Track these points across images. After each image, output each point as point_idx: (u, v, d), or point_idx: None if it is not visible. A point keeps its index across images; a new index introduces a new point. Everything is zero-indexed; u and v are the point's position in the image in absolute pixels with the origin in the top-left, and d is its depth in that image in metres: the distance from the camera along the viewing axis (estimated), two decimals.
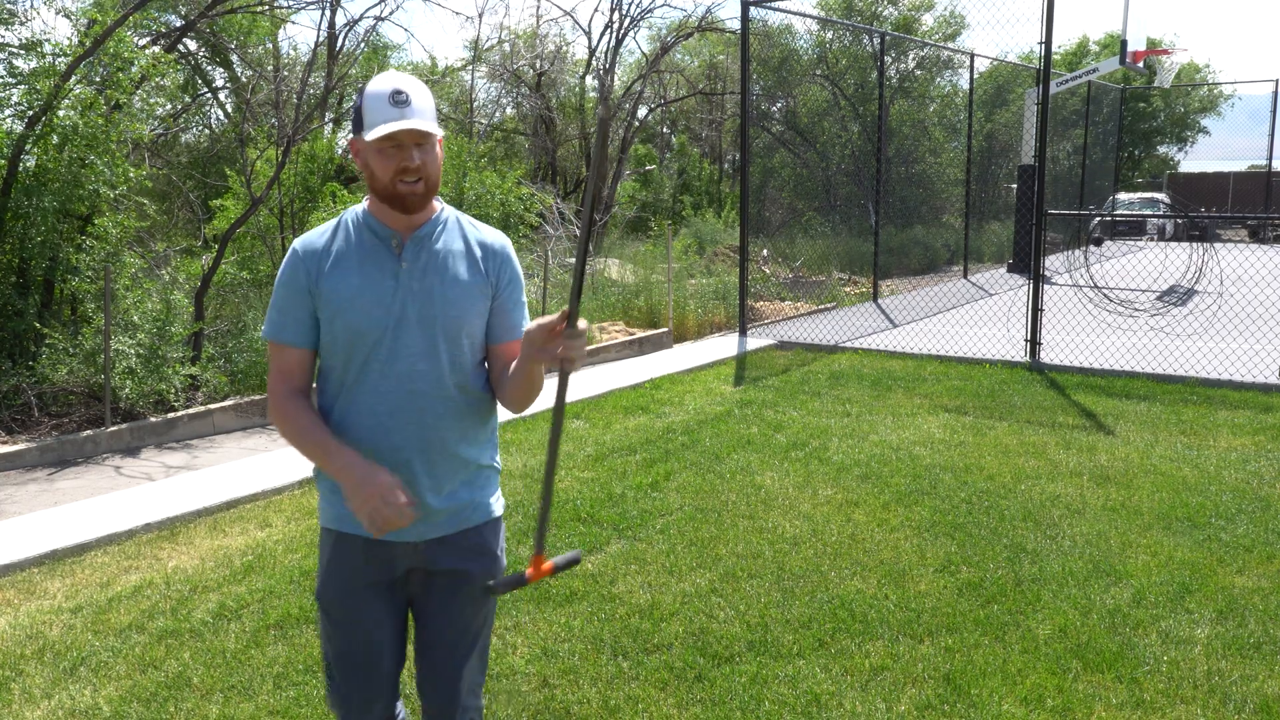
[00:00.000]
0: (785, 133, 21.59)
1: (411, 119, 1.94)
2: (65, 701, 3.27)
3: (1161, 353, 8.79)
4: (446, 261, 2.06)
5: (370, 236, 2.04)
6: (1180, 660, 3.44)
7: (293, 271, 2.04)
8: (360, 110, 1.97)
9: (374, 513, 1.86)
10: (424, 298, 2.02)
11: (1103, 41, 33.31)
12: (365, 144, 1.97)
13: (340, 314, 2.00)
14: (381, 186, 1.98)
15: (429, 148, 2.00)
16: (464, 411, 2.08)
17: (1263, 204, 24.85)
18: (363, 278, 2.01)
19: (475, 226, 2.15)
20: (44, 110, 7.57)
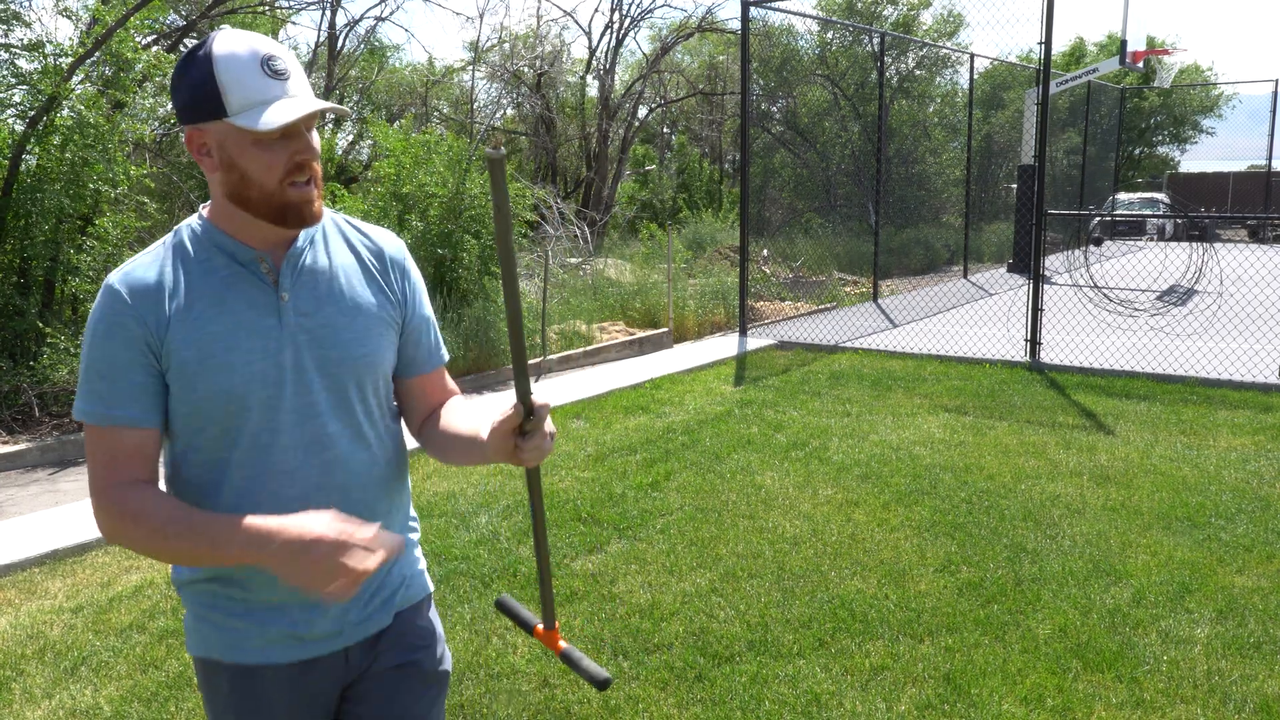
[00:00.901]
0: (785, 133, 21.60)
1: (307, 98, 1.42)
2: (66, 701, 3.27)
3: (1161, 353, 8.80)
4: (340, 283, 1.54)
5: (227, 262, 1.47)
6: (1180, 660, 3.45)
7: (118, 321, 1.41)
8: (212, 85, 1.37)
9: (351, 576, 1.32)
10: (322, 337, 1.49)
11: (1101, 43, 33.32)
12: (232, 135, 1.39)
13: (205, 375, 1.42)
14: (262, 194, 1.42)
15: (315, 135, 1.48)
16: (391, 476, 1.61)
17: (1262, 204, 24.85)
18: (230, 320, 1.44)
19: (358, 228, 1.62)
20: (46, 110, 7.58)
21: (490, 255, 9.66)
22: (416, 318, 1.64)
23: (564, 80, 24.70)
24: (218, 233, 1.49)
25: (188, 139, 1.43)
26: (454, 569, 4.26)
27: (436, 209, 9.58)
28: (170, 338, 1.43)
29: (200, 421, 1.46)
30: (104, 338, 1.42)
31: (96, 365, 1.43)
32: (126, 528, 1.40)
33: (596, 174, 22.33)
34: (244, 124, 1.37)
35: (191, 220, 1.51)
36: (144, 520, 1.39)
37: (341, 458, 1.52)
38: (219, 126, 1.40)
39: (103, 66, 8.19)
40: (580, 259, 14.32)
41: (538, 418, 1.43)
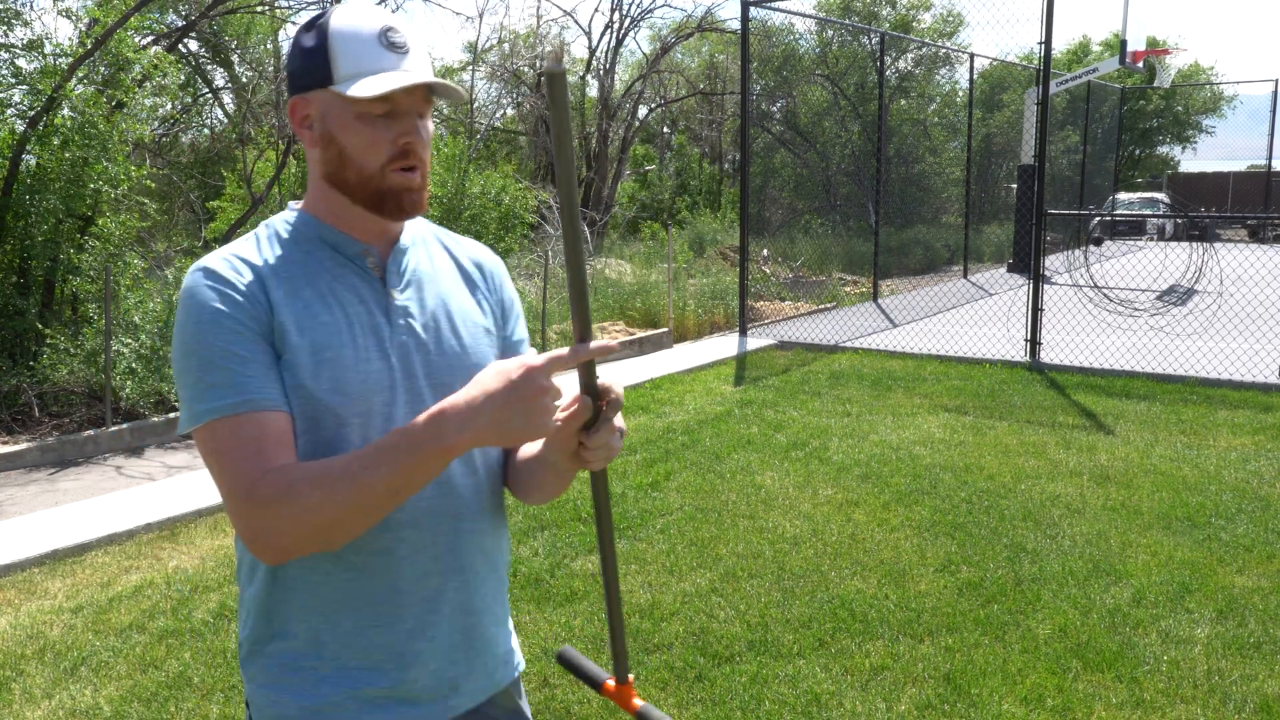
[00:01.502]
0: (785, 133, 21.60)
1: (418, 69, 1.29)
2: (66, 701, 3.27)
3: (1161, 352, 8.79)
4: (445, 288, 1.41)
5: (331, 254, 1.33)
6: (1180, 660, 3.45)
7: (227, 301, 1.23)
8: (324, 53, 1.26)
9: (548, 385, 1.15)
10: (430, 343, 1.35)
11: (1107, 41, 33.32)
12: (335, 106, 1.27)
13: (318, 369, 1.25)
14: (363, 176, 1.29)
15: (427, 123, 1.34)
16: (496, 518, 1.44)
17: (1262, 204, 24.85)
18: (341, 313, 1.29)
19: (454, 238, 1.50)
20: (45, 110, 7.58)
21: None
22: (514, 331, 1.49)
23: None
24: (317, 223, 1.34)
25: (291, 109, 1.32)
26: None
27: (436, 210, 9.58)
28: (279, 323, 1.25)
29: (310, 423, 1.25)
30: (213, 323, 1.22)
31: (213, 355, 1.21)
32: (300, 496, 1.16)
33: (596, 174, 22.33)
34: (345, 90, 1.24)
35: (283, 215, 1.37)
36: (319, 475, 1.17)
37: (454, 481, 1.35)
38: (323, 95, 1.28)
39: (102, 66, 8.19)
40: None
41: (609, 408, 1.22)
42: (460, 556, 1.37)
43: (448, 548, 1.35)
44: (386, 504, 1.18)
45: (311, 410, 1.25)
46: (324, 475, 1.17)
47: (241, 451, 1.19)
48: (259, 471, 1.18)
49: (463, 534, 1.36)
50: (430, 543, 1.33)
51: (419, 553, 1.33)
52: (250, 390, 1.21)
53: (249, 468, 1.19)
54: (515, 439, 1.14)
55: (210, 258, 1.28)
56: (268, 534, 1.18)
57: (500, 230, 11.71)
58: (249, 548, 1.20)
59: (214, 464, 1.21)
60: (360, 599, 1.31)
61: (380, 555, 1.30)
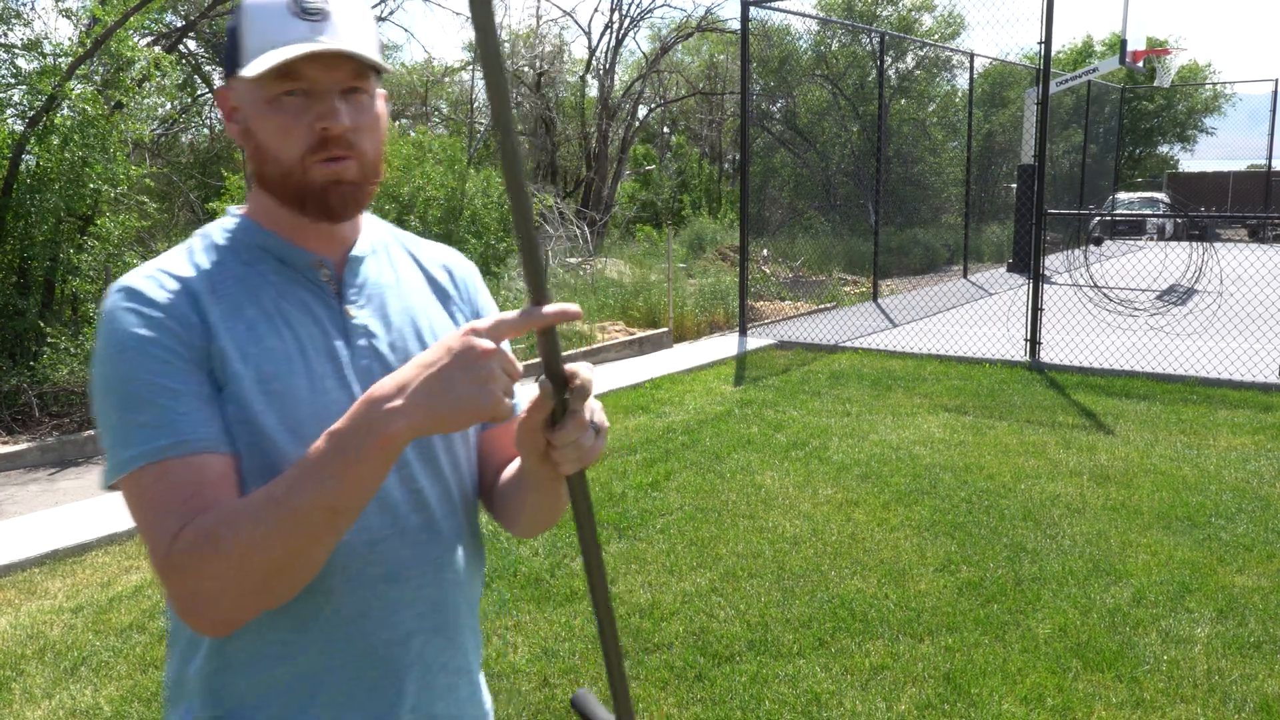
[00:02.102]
0: (785, 132, 21.60)
1: (333, 37, 1.06)
2: (66, 701, 3.27)
3: (1161, 352, 8.80)
4: (410, 303, 1.21)
5: (277, 266, 1.13)
6: (1180, 659, 3.45)
7: (154, 326, 1.03)
8: (237, 32, 1.09)
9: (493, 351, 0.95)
10: (398, 364, 1.14)
11: (1107, 41, 33.33)
12: (247, 91, 1.09)
13: (267, 402, 1.06)
14: (281, 171, 1.09)
15: (366, 101, 1.10)
16: (478, 560, 1.26)
17: (1262, 204, 24.86)
18: (292, 336, 1.10)
19: (419, 242, 1.31)
20: (45, 110, 7.58)
21: (491, 255, 9.66)
22: None
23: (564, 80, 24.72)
24: (261, 231, 1.15)
25: (218, 103, 1.15)
26: None
27: (435, 210, 9.58)
28: (218, 349, 1.05)
29: (259, 465, 1.05)
30: (138, 352, 1.02)
31: (138, 391, 1.01)
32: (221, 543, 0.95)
33: (596, 174, 22.33)
34: (248, 71, 1.05)
35: (220, 222, 1.17)
36: (237, 513, 0.96)
37: (435, 524, 1.16)
38: (237, 81, 1.10)
39: (101, 66, 8.19)
40: (580, 259, 14.32)
41: (576, 393, 1.00)
42: (445, 611, 1.18)
43: (431, 603, 1.16)
44: (326, 529, 0.96)
45: (262, 449, 1.05)
46: (245, 510, 0.96)
47: (168, 502, 0.98)
48: (183, 524, 0.98)
49: (446, 585, 1.18)
50: (412, 599, 1.14)
51: (399, 611, 1.13)
52: (183, 429, 1.00)
53: (173, 521, 0.98)
54: (460, 416, 0.93)
55: (132, 275, 1.08)
56: (195, 598, 0.96)
57: (501, 230, 11.73)
58: (183, 619, 0.99)
59: (139, 519, 1.00)
60: (332, 673, 1.10)
61: (353, 619, 1.10)
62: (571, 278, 12.82)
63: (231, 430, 1.04)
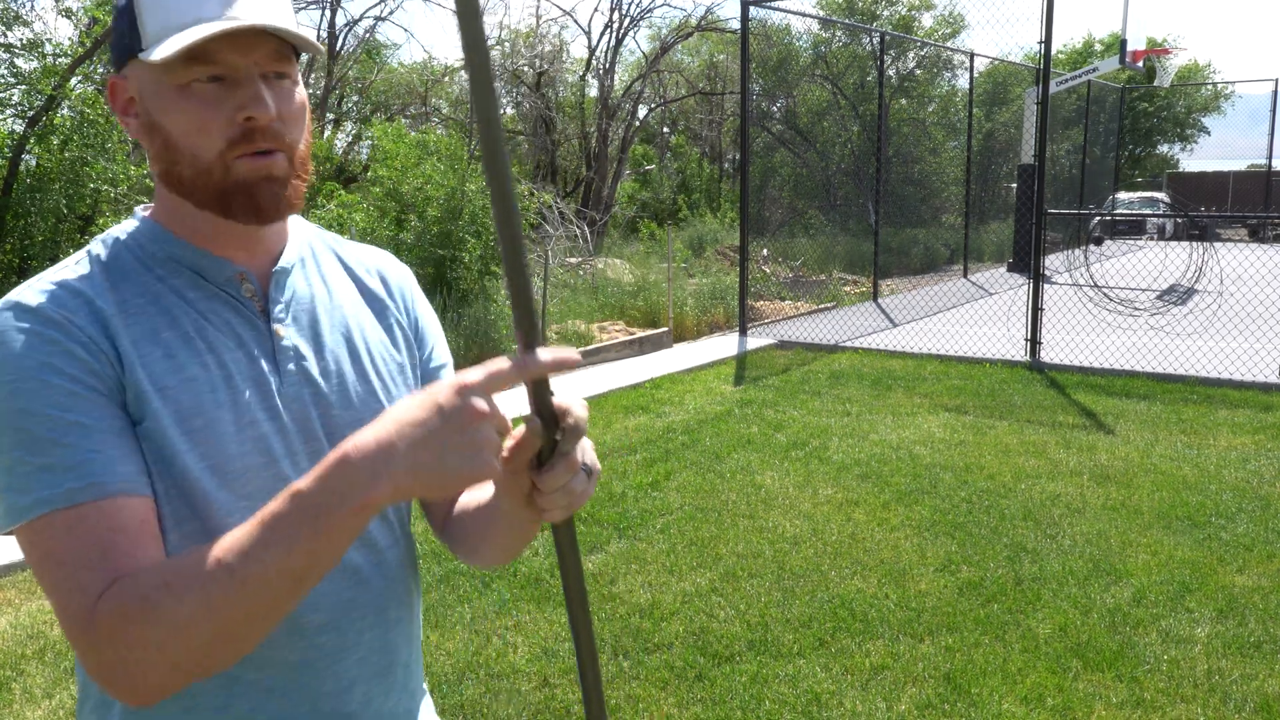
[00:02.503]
0: (785, 132, 21.61)
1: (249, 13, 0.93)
2: (66, 701, 3.27)
3: (1161, 352, 8.80)
4: (342, 317, 1.09)
5: (192, 280, 1.00)
6: (1180, 659, 3.45)
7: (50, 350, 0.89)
8: (131, 12, 0.94)
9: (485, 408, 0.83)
10: (329, 391, 1.04)
11: (1106, 41, 33.34)
12: (150, 79, 0.94)
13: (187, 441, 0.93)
14: (198, 169, 0.95)
15: (289, 87, 0.98)
16: (417, 592, 1.15)
17: (1262, 203, 24.86)
18: (214, 362, 0.97)
19: (348, 246, 1.17)
20: (45, 110, 7.58)
21: (492, 255, 9.66)
22: (436, 359, 1.17)
23: (564, 80, 24.72)
24: (172, 239, 0.99)
25: (110, 93, 0.99)
26: (454, 568, 4.26)
27: (436, 209, 9.59)
28: (132, 382, 0.91)
29: (182, 510, 0.93)
30: (37, 382, 0.88)
31: (39, 427, 0.87)
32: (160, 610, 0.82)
33: (596, 174, 22.33)
34: (156, 55, 0.90)
35: (125, 225, 1.01)
36: (182, 575, 0.83)
37: (380, 557, 1.06)
38: (135, 68, 0.95)
39: (101, 66, 8.19)
40: (580, 258, 14.33)
41: (568, 433, 0.90)
42: (390, 653, 1.08)
43: (376, 646, 1.06)
44: (287, 598, 0.84)
45: (185, 493, 0.92)
46: (190, 574, 0.82)
47: (84, 556, 0.85)
48: (104, 582, 0.84)
49: (390, 624, 1.07)
50: (355, 644, 1.03)
51: (342, 659, 1.02)
52: (94, 471, 0.87)
53: (92, 579, 0.85)
54: (448, 484, 0.82)
55: (24, 290, 0.93)
56: (120, 667, 0.83)
57: None
58: (103, 687, 0.85)
59: (45, 575, 0.87)
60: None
61: (295, 670, 0.99)
62: (571, 277, 12.83)
63: (149, 470, 0.91)
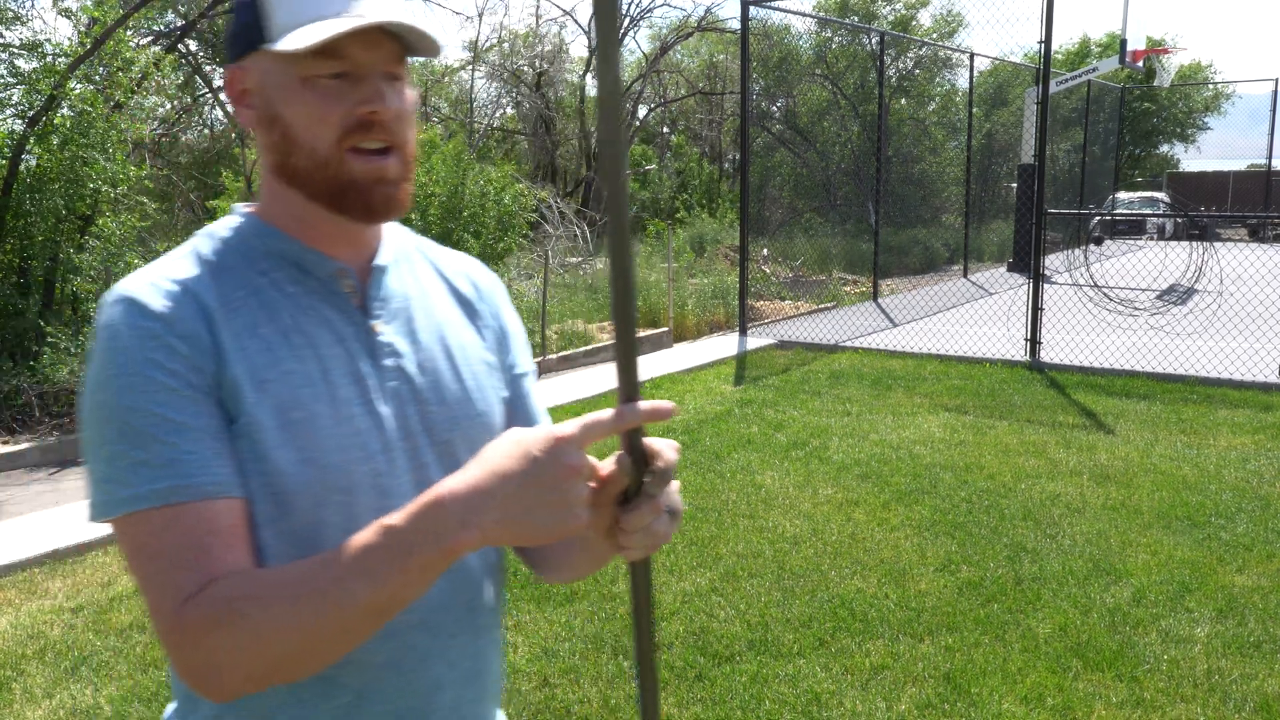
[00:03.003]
0: (785, 132, 21.61)
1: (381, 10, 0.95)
2: (66, 701, 3.27)
3: (1161, 352, 8.79)
4: (437, 317, 1.10)
5: (294, 275, 1.01)
6: (1180, 659, 3.45)
7: (157, 345, 0.91)
8: (258, 7, 0.96)
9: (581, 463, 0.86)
10: (426, 388, 1.04)
11: (1103, 41, 33.34)
12: (275, 70, 0.96)
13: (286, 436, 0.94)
14: (315, 161, 0.97)
15: (403, 89, 1.00)
16: (500, 601, 1.15)
17: (1262, 203, 24.86)
18: (312, 356, 0.98)
19: (441, 251, 1.18)
20: (45, 110, 7.58)
21: (491, 254, 9.66)
22: (520, 367, 1.18)
23: (564, 79, 24.72)
24: (276, 234, 1.02)
25: (228, 83, 1.01)
26: None
27: (436, 209, 9.59)
28: (230, 377, 0.93)
29: (277, 509, 0.94)
30: (141, 378, 0.90)
31: (140, 423, 0.89)
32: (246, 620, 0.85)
33: (596, 174, 22.33)
34: (282, 45, 0.92)
35: (228, 220, 1.03)
36: (271, 590, 0.86)
37: (468, 563, 1.05)
38: (259, 60, 0.97)
39: (100, 66, 8.20)
40: (580, 258, 14.33)
41: (657, 475, 0.91)
42: (478, 659, 1.08)
43: (465, 651, 1.06)
44: (367, 627, 0.86)
45: (278, 490, 0.94)
46: (280, 589, 0.86)
47: (176, 555, 0.88)
48: (195, 584, 0.87)
49: (480, 630, 1.08)
50: (446, 647, 1.03)
51: (431, 661, 1.02)
52: (191, 471, 0.89)
53: (183, 579, 0.88)
54: (536, 536, 0.84)
55: (133, 282, 0.94)
56: (205, 669, 0.86)
57: (500, 230, 11.74)
58: (185, 683, 0.89)
59: (138, 569, 0.90)
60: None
61: (383, 671, 1.00)
62: (571, 277, 12.83)
63: (243, 469, 0.93)
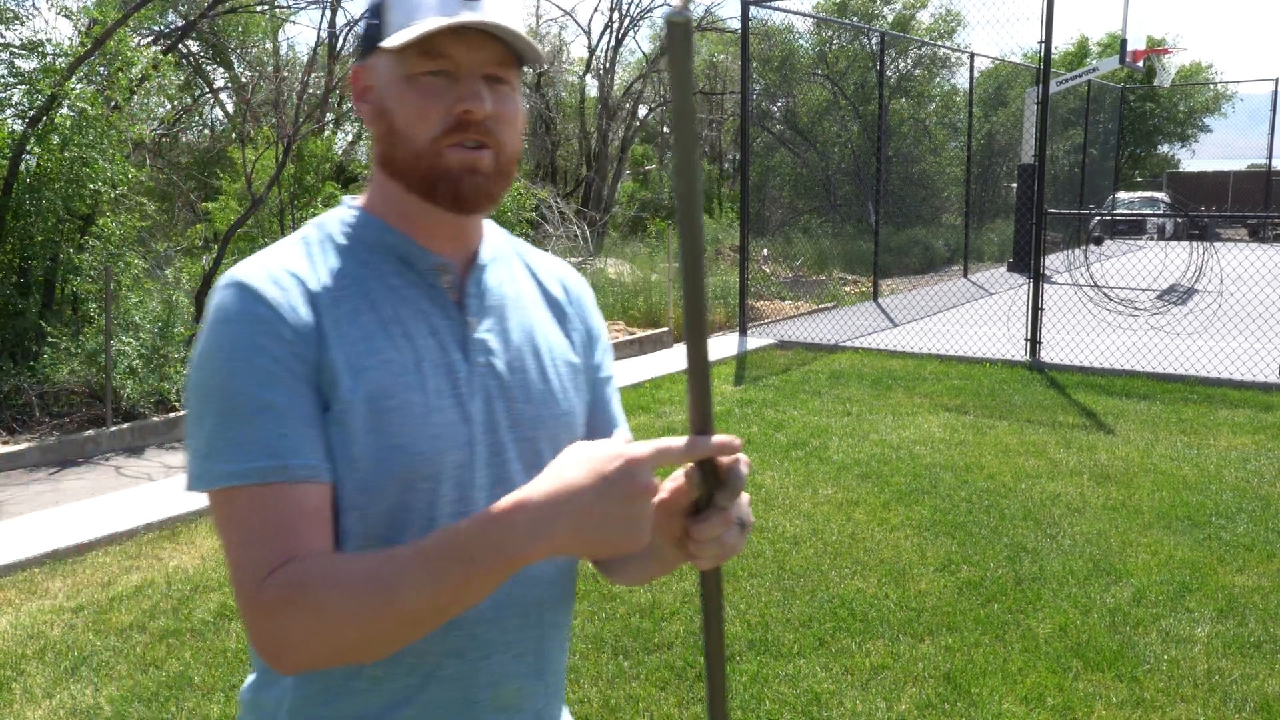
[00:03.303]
0: (785, 132, 21.61)
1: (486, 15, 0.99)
2: (66, 701, 3.27)
3: (1161, 352, 8.79)
4: (528, 316, 1.13)
5: (397, 268, 1.05)
6: (1180, 659, 3.45)
7: (266, 330, 0.96)
8: (380, 6, 1.02)
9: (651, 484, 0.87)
10: (514, 385, 1.08)
11: (1103, 42, 33.33)
12: (386, 68, 1.02)
13: (379, 422, 0.98)
14: (412, 153, 1.02)
15: (508, 92, 1.03)
16: (570, 601, 1.17)
17: (1262, 203, 24.86)
18: (408, 347, 1.02)
19: (535, 254, 1.22)
20: (45, 110, 7.58)
21: None
22: (603, 372, 1.21)
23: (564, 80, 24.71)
24: (381, 226, 1.06)
25: (352, 81, 1.07)
26: None
27: None
28: (328, 361, 0.97)
29: (362, 494, 0.98)
30: (246, 362, 0.95)
31: (242, 404, 0.94)
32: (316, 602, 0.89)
33: (596, 174, 22.33)
34: (390, 41, 0.98)
35: (337, 213, 1.08)
36: (343, 577, 0.90)
37: (543, 565, 1.08)
38: (376, 58, 1.03)
39: (100, 67, 8.20)
40: (580, 258, 14.33)
41: (727, 489, 0.92)
42: (544, 657, 1.11)
43: (531, 647, 1.09)
44: (429, 622, 0.90)
45: (366, 475, 0.97)
46: (350, 578, 0.89)
47: (262, 532, 0.93)
48: (277, 561, 0.92)
49: (547, 628, 1.10)
50: (513, 641, 1.07)
51: (497, 654, 1.06)
52: (285, 454, 0.94)
53: (267, 554, 0.92)
54: (602, 550, 0.87)
55: (249, 269, 1.00)
56: (277, 642, 0.91)
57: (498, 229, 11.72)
58: (256, 651, 0.95)
59: (227, 540, 0.96)
60: (420, 713, 1.04)
61: (449, 659, 1.03)
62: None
63: (333, 454, 0.97)
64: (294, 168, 11.66)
